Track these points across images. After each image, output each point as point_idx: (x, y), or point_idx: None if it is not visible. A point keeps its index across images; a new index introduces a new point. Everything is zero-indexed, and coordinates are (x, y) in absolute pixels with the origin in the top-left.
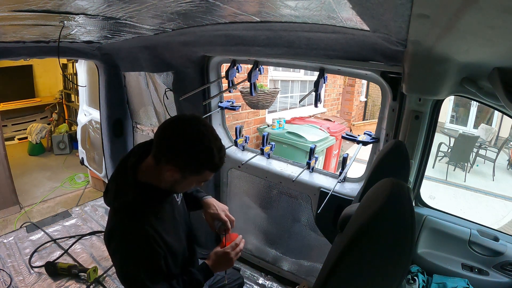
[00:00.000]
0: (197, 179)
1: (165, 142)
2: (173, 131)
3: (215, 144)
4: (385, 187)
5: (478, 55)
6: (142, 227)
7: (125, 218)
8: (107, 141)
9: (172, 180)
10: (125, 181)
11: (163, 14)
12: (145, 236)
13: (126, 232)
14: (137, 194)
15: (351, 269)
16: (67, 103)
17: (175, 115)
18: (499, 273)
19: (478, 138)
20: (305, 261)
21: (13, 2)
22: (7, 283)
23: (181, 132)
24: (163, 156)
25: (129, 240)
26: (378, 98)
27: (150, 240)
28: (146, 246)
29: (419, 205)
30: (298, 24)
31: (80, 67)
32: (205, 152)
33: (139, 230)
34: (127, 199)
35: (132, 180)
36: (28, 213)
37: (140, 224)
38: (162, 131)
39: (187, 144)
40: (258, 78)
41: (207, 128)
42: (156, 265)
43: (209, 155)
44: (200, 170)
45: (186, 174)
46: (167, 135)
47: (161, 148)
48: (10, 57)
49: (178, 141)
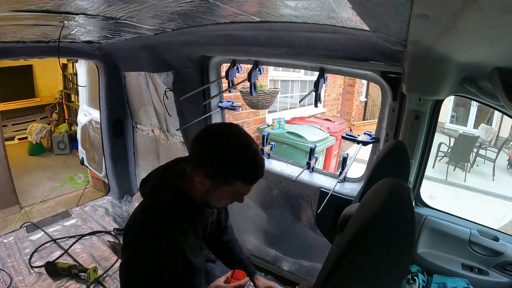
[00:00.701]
0: (230, 190)
1: (198, 148)
2: (205, 137)
3: (247, 153)
4: (385, 187)
5: (478, 55)
6: (169, 233)
7: (154, 217)
8: (107, 141)
9: (203, 189)
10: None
11: (163, 14)
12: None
13: (150, 230)
14: (173, 198)
15: (351, 269)
16: (67, 103)
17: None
18: (499, 273)
19: (478, 138)
20: (305, 261)
21: (13, 2)
22: (7, 283)
23: (216, 138)
24: (194, 162)
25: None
26: (378, 98)
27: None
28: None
29: (419, 205)
30: (298, 24)
31: (80, 67)
32: (236, 161)
33: (165, 234)
34: (160, 198)
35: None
36: (28, 213)
37: (168, 229)
38: (196, 137)
39: (219, 151)
40: (258, 78)
41: (244, 136)
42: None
43: (241, 165)
44: (229, 180)
45: (216, 184)
46: (202, 141)
47: (194, 155)
48: (10, 57)
49: (210, 147)
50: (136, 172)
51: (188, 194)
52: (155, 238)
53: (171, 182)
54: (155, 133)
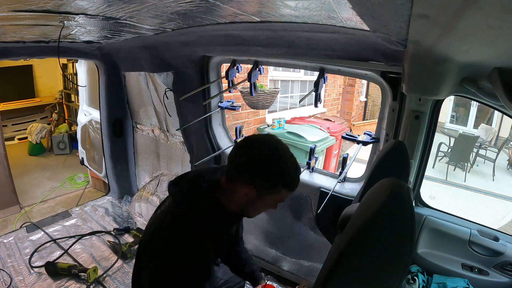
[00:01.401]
0: (273, 198)
1: (241, 159)
2: (249, 149)
3: (290, 161)
4: (385, 187)
5: (478, 55)
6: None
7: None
8: (107, 141)
9: (247, 200)
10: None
11: (163, 14)
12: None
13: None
14: (210, 208)
15: (351, 269)
16: (67, 103)
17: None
18: (499, 273)
19: (478, 138)
20: (305, 261)
21: (13, 2)
22: (7, 283)
23: (258, 148)
24: (239, 174)
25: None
26: (378, 98)
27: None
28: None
29: (419, 205)
30: (298, 24)
31: (80, 67)
32: (281, 167)
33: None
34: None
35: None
36: (28, 213)
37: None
38: (239, 149)
39: (264, 160)
40: (258, 78)
41: (282, 146)
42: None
43: (285, 171)
44: (276, 187)
45: (262, 192)
46: (243, 152)
47: (237, 166)
48: (10, 57)
49: (254, 157)
50: (136, 172)
51: (223, 205)
52: (187, 245)
53: (208, 192)
54: (155, 133)
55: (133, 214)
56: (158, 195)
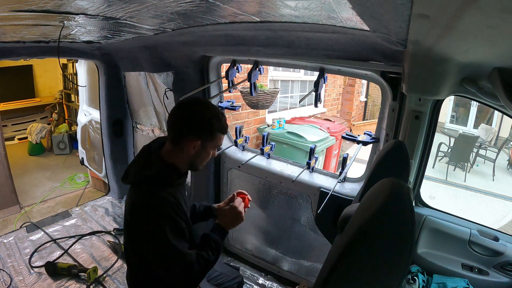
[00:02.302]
0: (213, 145)
1: (183, 121)
2: (185, 111)
3: (218, 111)
4: (385, 187)
5: (478, 55)
6: (165, 196)
7: (148, 189)
8: (107, 141)
9: (194, 153)
10: (149, 159)
11: (163, 14)
12: (168, 202)
13: (150, 200)
14: (160, 168)
15: (351, 269)
16: (67, 103)
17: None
18: (499, 273)
19: (478, 138)
20: (305, 261)
21: (13, 2)
22: (7, 283)
23: (192, 108)
24: (182, 133)
25: (154, 207)
26: (378, 98)
27: (173, 206)
28: (170, 211)
29: (419, 205)
30: (298, 24)
31: (80, 67)
32: (214, 117)
33: (163, 198)
34: (150, 173)
35: (156, 157)
36: (28, 213)
37: (163, 193)
38: (174, 115)
39: (199, 115)
40: (258, 78)
41: (208, 101)
42: (180, 229)
43: (218, 119)
44: (214, 134)
45: (205, 142)
46: (181, 115)
47: (179, 128)
48: (10, 57)
49: (192, 115)
50: None
51: (177, 166)
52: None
53: (152, 160)
54: (155, 133)
55: None
56: None
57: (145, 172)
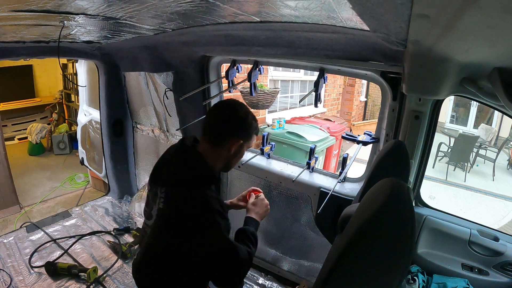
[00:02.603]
0: (248, 145)
1: (225, 120)
2: (227, 111)
3: (252, 113)
4: (385, 187)
5: (478, 55)
6: (212, 194)
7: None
8: (107, 141)
9: (233, 153)
10: (189, 159)
11: (163, 14)
12: (217, 199)
13: (202, 198)
14: (205, 168)
15: (351, 269)
16: (67, 103)
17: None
18: (499, 273)
19: (478, 138)
20: (305, 261)
21: (13, 2)
22: (7, 283)
23: (234, 109)
24: (226, 133)
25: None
26: (378, 98)
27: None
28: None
29: (419, 205)
30: (298, 24)
31: (80, 67)
32: (253, 118)
33: (212, 196)
34: (196, 173)
35: (197, 157)
36: (28, 213)
37: (210, 192)
38: (216, 115)
39: (243, 116)
40: (258, 78)
41: (243, 103)
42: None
43: (255, 120)
44: (252, 135)
45: (244, 143)
46: (224, 115)
47: (223, 128)
48: (10, 57)
49: (235, 116)
50: (136, 172)
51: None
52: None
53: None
54: (155, 133)
55: (133, 214)
56: None
57: (190, 172)
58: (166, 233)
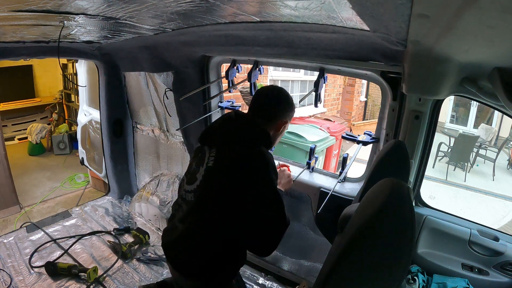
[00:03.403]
0: (287, 127)
1: (278, 103)
2: (279, 95)
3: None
4: (385, 187)
5: (478, 55)
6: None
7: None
8: (107, 141)
9: (281, 131)
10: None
11: (163, 14)
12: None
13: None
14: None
15: (351, 269)
16: (67, 103)
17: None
18: (499, 273)
19: (478, 138)
20: (305, 261)
21: (13, 2)
22: (7, 283)
23: (284, 94)
24: (277, 114)
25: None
26: (378, 98)
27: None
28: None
29: (419, 205)
30: (298, 24)
31: (80, 67)
32: (292, 100)
33: (270, 154)
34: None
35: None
36: (28, 213)
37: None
38: (268, 96)
39: (286, 98)
40: (258, 78)
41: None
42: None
43: (292, 102)
44: (292, 115)
45: (288, 122)
46: (277, 99)
47: (275, 109)
48: (10, 57)
49: (281, 98)
50: (136, 172)
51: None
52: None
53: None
54: (155, 133)
55: (133, 214)
56: (158, 195)
57: (248, 132)
58: (217, 188)
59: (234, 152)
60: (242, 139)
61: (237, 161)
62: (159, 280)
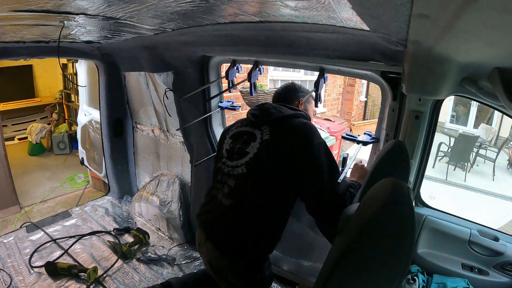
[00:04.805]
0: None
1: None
2: (285, 85)
3: None
4: (385, 187)
5: (478, 55)
6: None
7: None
8: (107, 141)
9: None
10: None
11: (163, 14)
12: None
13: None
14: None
15: (351, 269)
16: (67, 103)
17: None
18: (499, 273)
19: (478, 138)
20: (305, 261)
21: (13, 2)
22: (7, 283)
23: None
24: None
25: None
26: (378, 98)
27: None
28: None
29: (419, 205)
30: (298, 24)
31: (80, 67)
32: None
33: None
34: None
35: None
36: (28, 213)
37: None
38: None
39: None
40: (258, 78)
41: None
42: None
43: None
44: (303, 95)
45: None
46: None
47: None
48: (10, 57)
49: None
50: (136, 172)
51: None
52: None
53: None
54: (155, 133)
55: (133, 214)
56: (158, 195)
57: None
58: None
59: (287, 124)
60: (288, 115)
61: (292, 130)
62: (159, 280)
